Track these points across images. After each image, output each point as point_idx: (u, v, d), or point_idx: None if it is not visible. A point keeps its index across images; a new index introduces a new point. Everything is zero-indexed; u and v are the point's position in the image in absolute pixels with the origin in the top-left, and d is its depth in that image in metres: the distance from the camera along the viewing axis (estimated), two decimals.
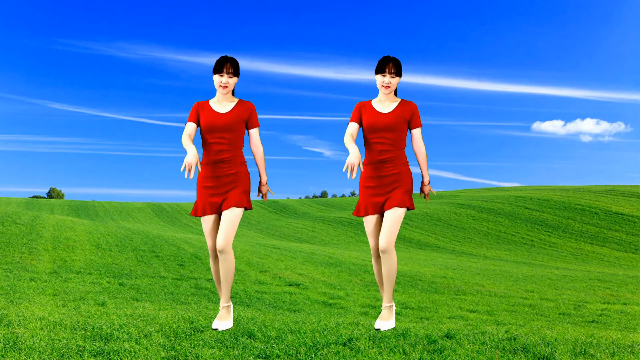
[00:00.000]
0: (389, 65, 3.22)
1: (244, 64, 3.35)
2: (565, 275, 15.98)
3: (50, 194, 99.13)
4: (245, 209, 3.34)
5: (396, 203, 3.25)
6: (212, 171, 3.30)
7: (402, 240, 33.75)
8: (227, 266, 3.29)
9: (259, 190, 3.50)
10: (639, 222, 35.39)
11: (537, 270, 18.18)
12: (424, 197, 3.50)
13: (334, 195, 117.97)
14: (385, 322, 3.49)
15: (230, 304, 3.57)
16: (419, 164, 3.40)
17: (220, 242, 3.22)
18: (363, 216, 3.39)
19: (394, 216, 3.25)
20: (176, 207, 59.47)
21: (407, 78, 3.28)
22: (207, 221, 3.36)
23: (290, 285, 10.69)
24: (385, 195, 3.30)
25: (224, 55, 3.29)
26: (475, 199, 46.41)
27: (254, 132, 3.38)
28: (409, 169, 3.34)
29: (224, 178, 3.28)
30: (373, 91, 3.39)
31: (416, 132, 3.33)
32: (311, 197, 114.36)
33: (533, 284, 13.06)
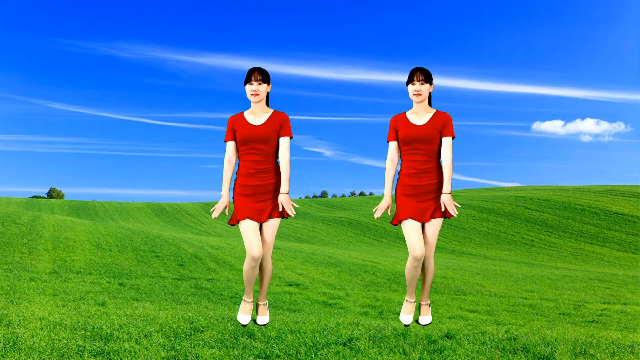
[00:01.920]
0: (417, 73, 3.33)
1: (244, 64, 3.38)
2: (565, 275, 15.98)
3: (50, 194, 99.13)
4: (284, 217, 3.42)
5: (439, 214, 3.35)
6: (250, 181, 3.32)
7: (402, 240, 33.74)
8: (267, 270, 3.47)
9: (280, 201, 3.32)
10: (639, 222, 35.39)
11: (537, 270, 18.18)
12: (445, 211, 3.32)
13: (334, 195, 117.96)
14: (427, 317, 3.62)
15: (266, 301, 3.68)
16: (443, 173, 3.36)
17: (263, 253, 3.37)
18: (402, 221, 3.37)
19: (435, 225, 3.37)
20: (176, 207, 59.48)
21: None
22: (248, 225, 3.31)
23: (290, 285, 10.69)
24: (424, 203, 3.35)
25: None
26: (475, 199, 46.42)
27: (283, 141, 3.35)
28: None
29: (262, 187, 3.32)
30: (373, 91, 3.42)
31: (445, 141, 3.35)
32: (311, 197, 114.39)
33: (533, 284, 13.06)
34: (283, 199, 3.32)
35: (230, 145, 3.39)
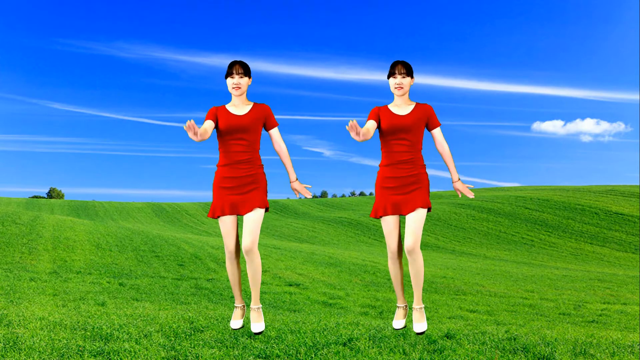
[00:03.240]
0: (398, 66, 3.33)
1: None
2: (565, 275, 15.98)
3: (50, 194, 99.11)
4: (266, 210, 3.37)
5: (419, 204, 3.30)
6: (230, 172, 3.31)
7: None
8: (254, 267, 3.29)
9: (293, 189, 3.48)
10: (639, 222, 35.38)
11: (537, 270, 18.18)
12: (463, 194, 3.44)
13: (334, 195, 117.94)
14: (420, 324, 3.38)
15: (260, 305, 3.45)
16: (446, 163, 3.42)
17: (246, 243, 3.24)
18: (381, 216, 3.38)
19: (418, 217, 3.29)
20: (176, 207, 59.48)
21: None
22: (226, 222, 3.33)
23: (290, 285, 10.69)
24: (404, 196, 3.32)
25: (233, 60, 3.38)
26: (475, 199, 46.41)
27: (275, 132, 3.43)
28: (426, 172, 3.40)
29: (244, 179, 3.31)
30: (373, 91, 3.44)
31: (437, 132, 3.39)
32: (311, 197, 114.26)
33: (533, 284, 13.06)
34: (296, 186, 3.44)
35: (209, 122, 3.24)
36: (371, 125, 3.28)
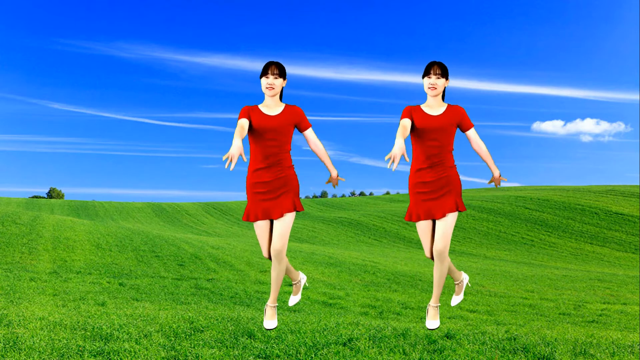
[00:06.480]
0: (434, 67, 3.35)
1: (244, 64, 3.39)
2: (565, 275, 15.98)
3: (50, 194, 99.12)
4: (297, 211, 3.43)
5: (449, 209, 3.36)
6: (262, 176, 3.34)
7: (402, 240, 33.73)
8: (281, 268, 3.46)
9: (331, 181, 3.60)
10: (639, 222, 35.38)
11: (537, 270, 18.18)
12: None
13: (334, 195, 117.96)
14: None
15: (276, 304, 3.65)
16: (485, 162, 3.47)
17: (276, 246, 3.37)
18: (415, 222, 3.45)
19: (448, 221, 3.36)
20: (176, 207, 59.47)
21: (408, 78, 3.33)
22: (260, 226, 3.42)
23: (290, 285, 10.69)
24: (436, 201, 3.37)
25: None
26: (475, 199, 46.41)
27: (309, 133, 3.45)
28: (457, 172, 3.43)
29: (275, 182, 3.34)
30: (373, 91, 3.43)
31: (471, 133, 3.42)
32: (311, 197, 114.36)
33: (533, 284, 13.06)
34: (335, 181, 3.56)
35: (244, 120, 3.18)
36: (407, 123, 3.25)
